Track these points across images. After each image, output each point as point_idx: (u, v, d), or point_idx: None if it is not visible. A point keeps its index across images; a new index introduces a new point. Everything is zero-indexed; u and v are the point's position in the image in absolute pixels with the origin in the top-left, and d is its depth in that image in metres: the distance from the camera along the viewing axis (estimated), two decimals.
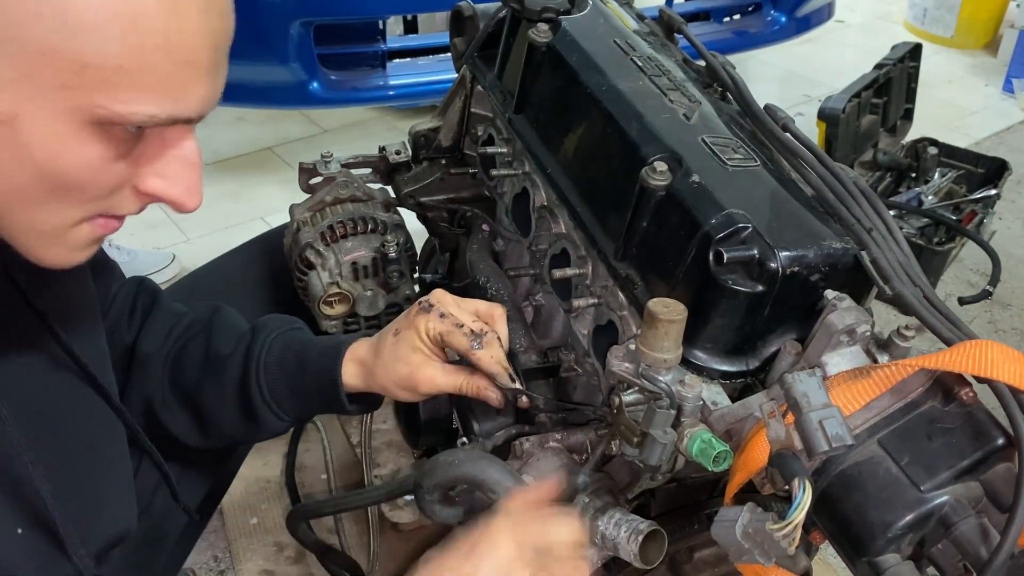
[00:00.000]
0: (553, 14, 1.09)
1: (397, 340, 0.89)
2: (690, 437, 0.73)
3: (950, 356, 0.67)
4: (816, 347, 0.75)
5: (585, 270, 0.96)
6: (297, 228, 1.23)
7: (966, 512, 0.66)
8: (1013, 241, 2.69)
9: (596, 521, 0.80)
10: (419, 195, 1.32)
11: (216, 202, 2.76)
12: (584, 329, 0.97)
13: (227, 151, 3.04)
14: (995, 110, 3.59)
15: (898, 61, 2.75)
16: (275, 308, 1.25)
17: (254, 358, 0.92)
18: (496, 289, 1.15)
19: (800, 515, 0.64)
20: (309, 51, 2.36)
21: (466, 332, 0.86)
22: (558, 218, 1.01)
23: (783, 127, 0.93)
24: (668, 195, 0.83)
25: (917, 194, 2.58)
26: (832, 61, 3.85)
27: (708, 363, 0.80)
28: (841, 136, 2.47)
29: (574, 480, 0.81)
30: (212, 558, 1.64)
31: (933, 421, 0.70)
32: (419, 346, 0.88)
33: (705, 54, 1.05)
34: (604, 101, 0.95)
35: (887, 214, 0.82)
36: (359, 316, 1.23)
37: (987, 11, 4.01)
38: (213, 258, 1.32)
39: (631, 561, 0.77)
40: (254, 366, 0.92)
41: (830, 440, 0.64)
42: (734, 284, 0.76)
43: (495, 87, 1.17)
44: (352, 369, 0.91)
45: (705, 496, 1.02)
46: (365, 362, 0.90)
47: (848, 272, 0.78)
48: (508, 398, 0.89)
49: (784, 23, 3.05)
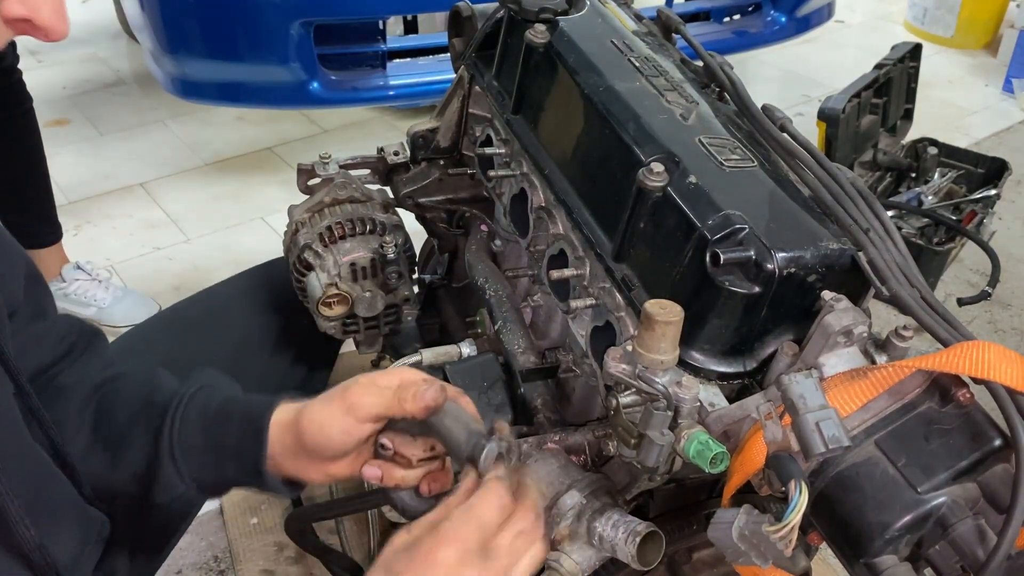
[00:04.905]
0: (551, 15, 1.09)
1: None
2: (687, 438, 0.73)
3: (947, 357, 0.67)
4: (813, 348, 0.75)
5: (583, 271, 0.95)
6: (295, 229, 1.23)
7: (963, 513, 0.66)
8: (1013, 241, 2.69)
9: (594, 522, 0.80)
10: (417, 196, 1.32)
11: (216, 202, 2.76)
12: (582, 330, 0.97)
13: (227, 151, 3.05)
14: (995, 110, 3.58)
15: (898, 61, 2.75)
16: (262, 337, 1.24)
17: (174, 403, 0.87)
18: (494, 290, 1.15)
19: (796, 517, 0.64)
20: (309, 51, 2.36)
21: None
22: (556, 219, 1.01)
23: (781, 127, 0.93)
24: (665, 196, 0.83)
25: (917, 194, 2.58)
26: (832, 61, 3.85)
27: (705, 364, 0.80)
28: (841, 136, 2.46)
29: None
30: (212, 558, 1.64)
31: (930, 422, 0.70)
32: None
33: (703, 54, 1.05)
34: (601, 102, 0.95)
35: (884, 215, 0.82)
36: (358, 317, 1.23)
37: (987, 11, 4.00)
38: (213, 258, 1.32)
39: (629, 562, 0.77)
40: (172, 410, 0.86)
41: (827, 441, 0.64)
42: (731, 285, 0.76)
43: (493, 88, 1.17)
44: (288, 406, 0.83)
45: (703, 497, 1.02)
46: (298, 403, 0.83)
47: (845, 273, 0.78)
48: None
49: (784, 23, 3.04)
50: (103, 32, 3.86)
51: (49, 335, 0.92)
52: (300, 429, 0.81)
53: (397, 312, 1.27)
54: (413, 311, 1.28)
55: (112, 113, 3.27)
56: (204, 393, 0.89)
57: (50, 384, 0.90)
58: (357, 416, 0.79)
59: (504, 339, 1.09)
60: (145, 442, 0.86)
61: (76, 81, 3.50)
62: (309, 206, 1.24)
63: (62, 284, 2.21)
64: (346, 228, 1.21)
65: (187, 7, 2.36)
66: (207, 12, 2.34)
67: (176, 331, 1.25)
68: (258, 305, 1.28)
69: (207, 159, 3.01)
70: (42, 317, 0.92)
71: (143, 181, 2.86)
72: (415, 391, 0.77)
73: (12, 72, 1.97)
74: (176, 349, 1.16)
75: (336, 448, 0.80)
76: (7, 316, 0.84)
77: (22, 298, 0.88)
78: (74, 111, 3.27)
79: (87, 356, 0.94)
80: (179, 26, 2.39)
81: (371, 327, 1.26)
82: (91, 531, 0.88)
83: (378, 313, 1.23)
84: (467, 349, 1.12)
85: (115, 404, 0.90)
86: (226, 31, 2.35)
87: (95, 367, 0.93)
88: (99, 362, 0.94)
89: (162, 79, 2.51)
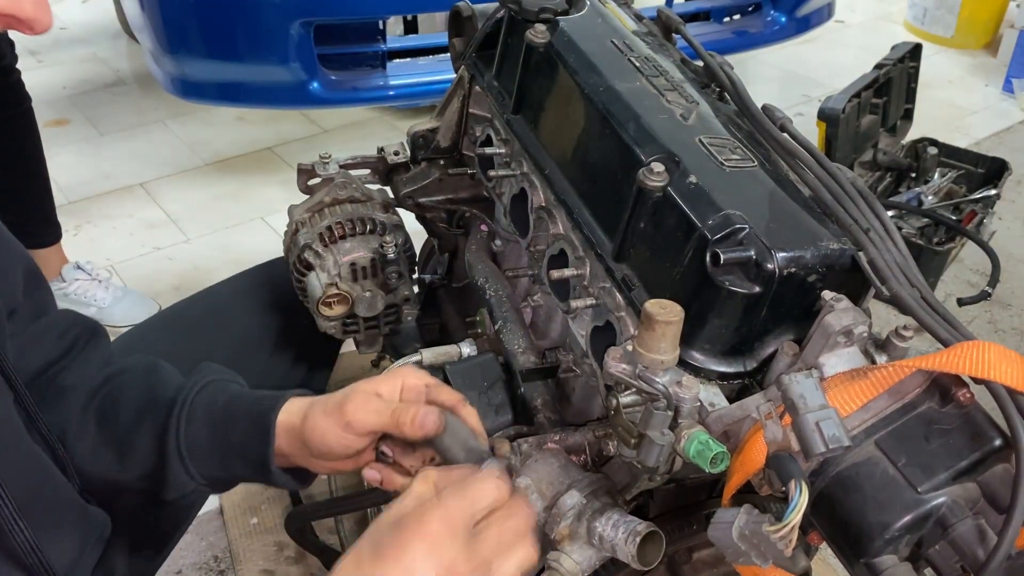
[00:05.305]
0: (551, 15, 1.09)
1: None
2: (687, 438, 0.73)
3: (947, 357, 0.67)
4: (813, 348, 0.75)
5: (583, 271, 0.95)
6: (296, 229, 1.23)
7: (963, 513, 0.66)
8: (1013, 241, 2.69)
9: (594, 522, 0.80)
10: (417, 196, 1.32)
11: (216, 202, 2.76)
12: (582, 330, 0.97)
13: (227, 151, 3.05)
14: (995, 110, 3.58)
15: (898, 61, 2.75)
16: (262, 337, 1.24)
17: (180, 400, 0.87)
18: (494, 289, 1.15)
19: (796, 517, 0.64)
20: (309, 51, 2.36)
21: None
22: (556, 219, 1.01)
23: (781, 127, 0.93)
24: (665, 196, 0.83)
25: (917, 194, 2.58)
26: (832, 61, 3.85)
27: (705, 364, 0.80)
28: (841, 136, 2.46)
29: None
30: (212, 558, 1.64)
31: (930, 422, 0.70)
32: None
33: (703, 54, 1.05)
34: (601, 102, 0.95)
35: (884, 215, 0.82)
36: (358, 317, 1.23)
37: (987, 11, 4.01)
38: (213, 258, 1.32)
39: (629, 562, 0.77)
40: (177, 408, 0.86)
41: (827, 441, 0.64)
42: (731, 285, 0.76)
43: (493, 88, 1.17)
44: (294, 407, 0.84)
45: (703, 497, 1.02)
46: (303, 403, 0.84)
47: (845, 273, 0.78)
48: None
49: (784, 23, 3.04)
50: (103, 32, 3.86)
51: (50, 332, 0.92)
52: (303, 435, 0.82)
53: (397, 312, 1.27)
54: (413, 311, 1.28)
55: (112, 113, 3.27)
56: (210, 390, 0.89)
57: (52, 384, 0.90)
58: (355, 432, 0.80)
59: (504, 339, 1.09)
60: (151, 441, 0.87)
61: (76, 81, 3.50)
62: (309, 206, 1.24)
63: (62, 284, 2.21)
64: (346, 228, 1.21)
65: (187, 7, 2.36)
66: (207, 12, 2.34)
67: (176, 331, 1.25)
68: (258, 305, 1.28)
69: (207, 159, 3.01)
70: (42, 315, 0.92)
71: (143, 181, 2.87)
72: (414, 416, 0.78)
73: (11, 72, 1.97)
74: (176, 349, 1.16)
75: (337, 455, 0.82)
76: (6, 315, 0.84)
77: (22, 297, 0.88)
78: (74, 111, 3.27)
79: (88, 352, 0.94)
80: (179, 26, 2.39)
81: (371, 327, 1.26)
82: (91, 533, 0.88)
83: (378, 313, 1.23)
84: (467, 349, 1.12)
85: (119, 402, 0.90)
86: (226, 31, 2.36)
87: (96, 364, 0.93)
88: (100, 359, 0.94)
89: (162, 79, 2.51)
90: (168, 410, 0.87)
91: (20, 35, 0.68)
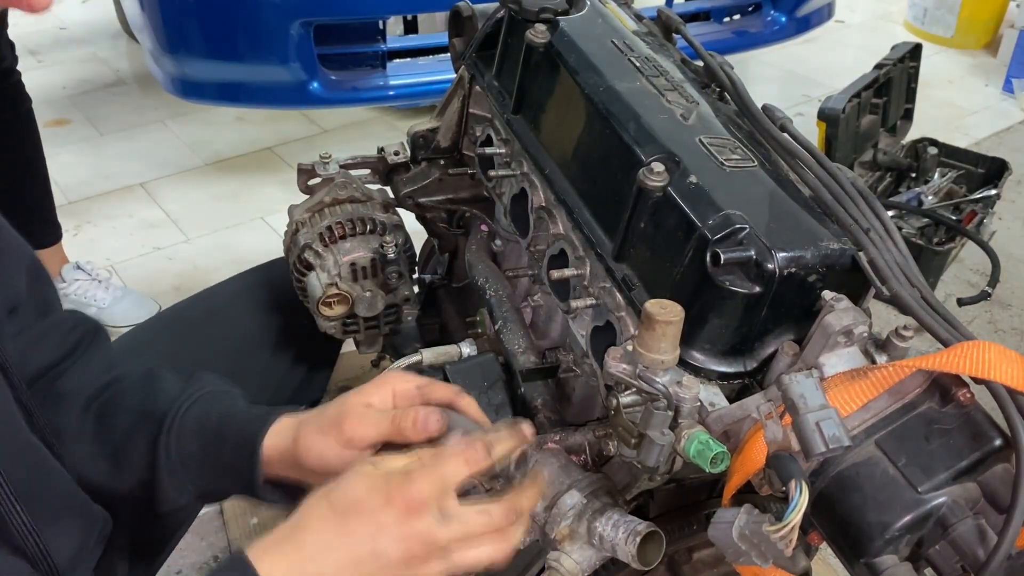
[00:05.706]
0: (551, 15, 1.09)
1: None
2: (687, 438, 0.73)
3: (947, 357, 0.67)
4: (813, 348, 0.75)
5: (583, 271, 0.95)
6: (295, 229, 1.23)
7: (964, 513, 0.66)
8: (1013, 241, 2.69)
9: (594, 522, 0.80)
10: (418, 196, 1.32)
11: (216, 202, 2.76)
12: (582, 330, 0.97)
13: (227, 151, 3.05)
14: (995, 110, 3.58)
15: (898, 61, 2.75)
16: (262, 337, 1.23)
17: (171, 414, 0.87)
18: (495, 289, 1.15)
19: (797, 517, 0.64)
20: (309, 51, 2.36)
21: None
22: (556, 219, 1.01)
23: (781, 127, 0.93)
24: (665, 196, 0.83)
25: (917, 194, 2.58)
26: (832, 61, 3.85)
27: (706, 364, 0.80)
28: (841, 136, 2.46)
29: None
30: (212, 558, 1.64)
31: (931, 422, 0.70)
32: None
33: (703, 54, 1.05)
34: (601, 102, 0.95)
35: (885, 215, 0.82)
36: (358, 317, 1.23)
37: (987, 11, 4.01)
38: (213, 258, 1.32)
39: (629, 562, 0.77)
40: (169, 422, 0.86)
41: (827, 441, 0.64)
42: (731, 285, 0.76)
43: (493, 87, 1.17)
44: (283, 428, 0.83)
45: (703, 497, 1.02)
46: (292, 423, 0.83)
47: (845, 273, 0.78)
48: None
49: (784, 23, 3.04)
50: (103, 32, 3.86)
51: (54, 334, 0.92)
52: (297, 456, 0.81)
53: (397, 312, 1.27)
54: (413, 311, 1.28)
55: (112, 113, 3.27)
56: (201, 404, 0.88)
57: (52, 387, 0.90)
58: (356, 447, 0.79)
59: (504, 339, 1.09)
60: (144, 453, 0.86)
61: (76, 81, 3.50)
62: (309, 206, 1.24)
63: (62, 284, 2.21)
64: (346, 228, 1.21)
65: (187, 7, 2.36)
66: (207, 12, 2.34)
67: (176, 331, 1.25)
68: (258, 305, 1.28)
69: (207, 159, 3.01)
70: (46, 314, 0.92)
71: (143, 181, 2.87)
72: (415, 420, 0.77)
73: (11, 74, 1.97)
74: (176, 349, 1.16)
75: (336, 469, 0.80)
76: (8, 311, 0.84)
77: (25, 293, 0.88)
78: (74, 111, 3.27)
79: (89, 355, 0.94)
80: (179, 26, 2.39)
81: (371, 327, 1.26)
82: (92, 529, 0.88)
83: (378, 313, 1.23)
84: (467, 349, 1.12)
85: (115, 411, 0.90)
86: (226, 31, 2.36)
87: (97, 368, 0.93)
88: (101, 362, 0.94)
89: (162, 79, 2.51)
90: (160, 423, 0.86)
91: (20, 36, 0.69)
